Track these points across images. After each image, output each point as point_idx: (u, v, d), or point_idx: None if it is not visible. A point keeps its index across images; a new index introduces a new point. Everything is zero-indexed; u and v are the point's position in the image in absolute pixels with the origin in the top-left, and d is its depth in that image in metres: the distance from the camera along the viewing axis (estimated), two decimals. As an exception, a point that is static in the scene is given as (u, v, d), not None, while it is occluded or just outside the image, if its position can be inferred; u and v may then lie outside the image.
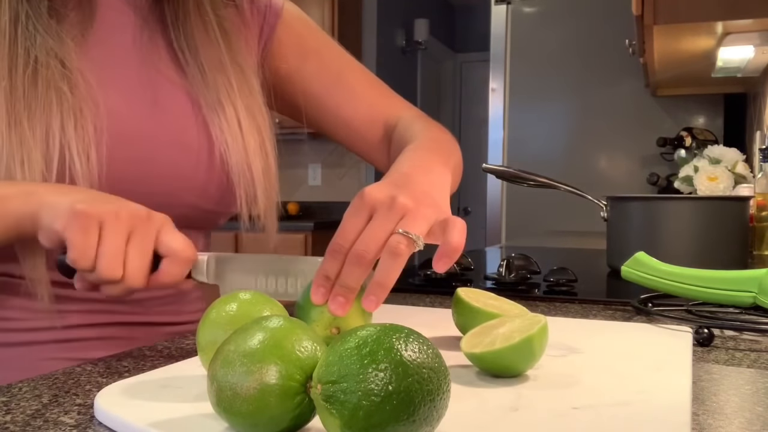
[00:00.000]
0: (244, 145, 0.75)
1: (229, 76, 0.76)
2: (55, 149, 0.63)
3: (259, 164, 0.76)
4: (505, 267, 1.01)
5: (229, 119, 0.74)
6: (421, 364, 0.34)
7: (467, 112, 5.56)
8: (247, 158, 0.75)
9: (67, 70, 0.66)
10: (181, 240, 0.57)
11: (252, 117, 0.77)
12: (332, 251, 0.53)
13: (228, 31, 0.78)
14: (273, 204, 0.79)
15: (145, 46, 0.74)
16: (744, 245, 1.16)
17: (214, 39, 0.76)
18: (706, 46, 1.85)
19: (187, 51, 0.75)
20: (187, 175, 0.73)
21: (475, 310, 0.58)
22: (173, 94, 0.74)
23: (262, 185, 0.76)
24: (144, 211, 0.57)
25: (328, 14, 3.85)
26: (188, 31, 0.75)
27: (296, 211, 4.19)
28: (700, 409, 0.45)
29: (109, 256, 0.54)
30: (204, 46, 0.75)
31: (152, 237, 0.56)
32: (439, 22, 5.26)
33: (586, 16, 2.89)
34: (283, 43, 0.85)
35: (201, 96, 0.74)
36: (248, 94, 0.77)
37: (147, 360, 0.58)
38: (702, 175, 1.98)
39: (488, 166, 1.31)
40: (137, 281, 0.55)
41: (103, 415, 0.42)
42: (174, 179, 0.72)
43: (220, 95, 0.75)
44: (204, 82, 0.75)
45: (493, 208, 3.03)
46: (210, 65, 0.75)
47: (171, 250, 0.56)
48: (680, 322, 0.70)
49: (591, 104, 2.90)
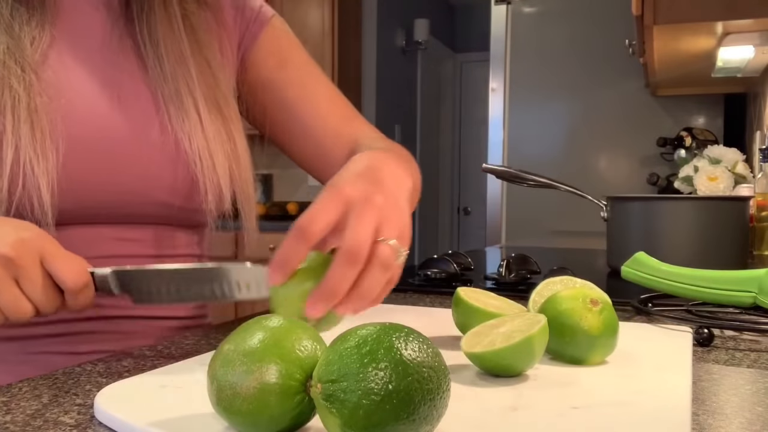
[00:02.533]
0: (204, 134, 0.74)
1: (189, 67, 0.75)
2: (8, 148, 0.63)
3: (221, 151, 0.75)
4: (505, 267, 1.01)
5: (188, 109, 0.74)
6: (421, 363, 0.34)
7: (467, 112, 5.56)
8: (207, 146, 0.74)
9: (23, 71, 0.65)
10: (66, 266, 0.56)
11: (215, 107, 0.76)
12: (297, 232, 0.50)
13: (195, 26, 0.78)
14: (248, 197, 0.78)
15: (113, 43, 0.74)
16: (744, 245, 1.16)
17: (177, 31, 0.76)
18: (706, 46, 1.85)
19: (149, 43, 0.74)
20: (152, 171, 0.72)
21: (475, 310, 0.58)
22: (135, 88, 0.73)
23: (226, 173, 0.75)
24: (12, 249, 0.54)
25: (328, 14, 3.85)
26: (152, 23, 0.75)
27: (296, 211, 4.19)
28: (700, 409, 0.45)
29: (10, 306, 0.54)
30: (166, 38, 0.75)
31: (37, 272, 0.55)
32: (439, 22, 5.26)
33: (586, 16, 2.89)
34: (264, 50, 0.85)
35: (159, 88, 0.74)
36: (212, 85, 0.77)
37: (147, 360, 0.58)
38: (702, 175, 1.98)
39: (488, 166, 1.31)
40: (49, 311, 0.56)
41: (103, 415, 0.42)
42: (139, 176, 0.71)
43: (179, 86, 0.74)
44: (163, 73, 0.74)
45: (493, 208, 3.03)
46: (170, 57, 0.74)
47: (59, 281, 0.56)
48: (680, 322, 0.70)
49: (591, 104, 2.90)
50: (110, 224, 0.72)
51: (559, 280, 0.64)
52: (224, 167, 0.75)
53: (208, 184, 0.73)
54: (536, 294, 0.63)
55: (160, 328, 0.77)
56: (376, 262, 0.50)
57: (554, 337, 0.53)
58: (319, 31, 3.78)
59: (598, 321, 0.53)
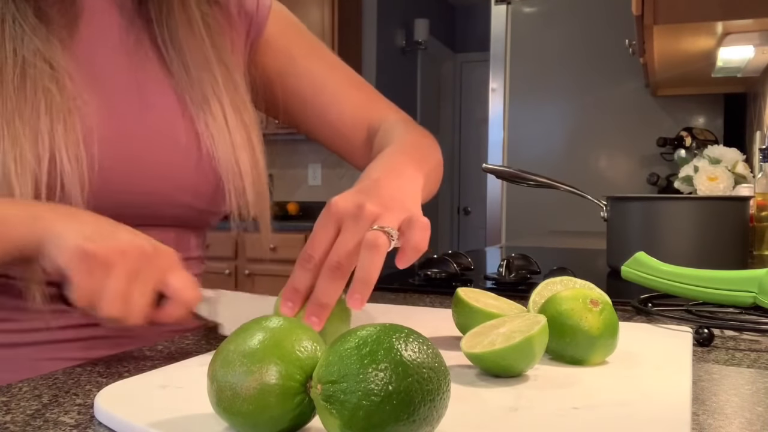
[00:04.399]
0: (231, 140, 0.74)
1: (215, 72, 0.75)
2: (45, 150, 0.63)
3: (247, 159, 0.76)
4: (505, 267, 1.01)
5: (215, 115, 0.74)
6: (421, 363, 0.34)
7: (467, 112, 5.55)
8: (234, 153, 0.74)
9: (55, 71, 0.66)
10: (186, 281, 0.57)
11: (238, 113, 0.76)
12: (302, 262, 0.54)
13: (212, 28, 0.78)
14: (264, 200, 0.79)
15: (132, 46, 0.74)
16: (744, 245, 1.16)
17: (198, 35, 0.76)
18: (706, 46, 1.85)
19: (171, 48, 0.75)
20: (178, 174, 0.73)
21: (475, 310, 0.58)
22: (160, 92, 0.74)
23: (250, 179, 0.76)
24: (151, 247, 0.56)
25: (328, 14, 3.85)
26: (172, 27, 0.75)
27: (296, 211, 4.19)
28: (700, 409, 0.45)
29: (111, 298, 0.54)
30: (188, 42, 0.75)
31: (157, 276, 0.56)
32: (439, 22, 5.26)
33: (586, 16, 2.89)
34: (270, 44, 0.85)
35: (186, 93, 0.74)
36: (233, 90, 0.77)
37: (147, 360, 0.58)
38: (702, 175, 1.98)
39: (488, 166, 1.31)
40: (137, 320, 0.56)
41: (103, 415, 0.42)
42: (165, 178, 0.72)
43: (206, 92, 0.74)
44: (189, 79, 0.74)
45: (493, 208, 3.04)
46: (195, 62, 0.75)
47: (175, 292, 0.56)
48: (680, 322, 0.70)
49: (591, 104, 2.90)
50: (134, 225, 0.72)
51: (559, 280, 0.64)
52: (248, 173, 0.75)
53: (233, 190, 0.74)
54: (536, 294, 0.63)
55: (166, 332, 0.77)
56: (364, 245, 0.52)
57: (554, 338, 0.53)
58: (319, 31, 3.78)
59: (598, 321, 0.54)
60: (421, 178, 0.68)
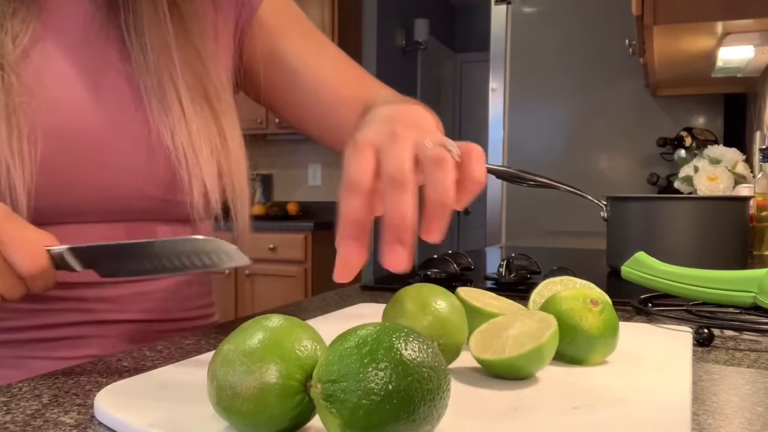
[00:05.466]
0: (188, 129, 0.72)
1: (174, 57, 0.73)
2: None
3: (207, 146, 0.73)
4: (505, 267, 1.01)
5: (170, 102, 0.72)
6: (421, 363, 0.34)
7: (467, 112, 5.56)
8: (190, 140, 0.72)
9: (4, 71, 0.64)
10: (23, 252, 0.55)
11: (204, 100, 0.74)
12: (350, 187, 0.45)
13: (184, 13, 0.76)
14: (240, 192, 0.76)
15: (95, 33, 0.72)
16: (744, 245, 1.16)
17: (162, 19, 0.73)
18: (706, 46, 1.85)
19: (133, 32, 0.72)
20: (131, 165, 0.70)
21: (475, 310, 0.58)
22: (115, 81, 0.72)
23: (213, 167, 0.73)
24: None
25: (328, 14, 3.85)
26: (138, 11, 0.73)
27: (296, 211, 4.19)
28: (700, 409, 0.45)
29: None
30: (151, 27, 0.73)
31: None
32: (439, 22, 5.26)
33: (586, 16, 2.89)
34: (264, 24, 0.83)
35: (142, 80, 0.72)
36: (201, 76, 0.75)
37: (147, 360, 0.58)
38: (702, 175, 1.98)
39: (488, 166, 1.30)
40: (15, 296, 0.56)
41: (103, 415, 0.42)
42: (118, 170, 0.70)
43: (162, 78, 0.72)
44: (146, 64, 0.72)
45: (493, 208, 3.03)
46: (154, 46, 0.72)
47: (15, 268, 0.55)
48: (680, 322, 0.70)
49: (591, 104, 2.90)
50: (99, 222, 0.71)
51: (559, 280, 0.64)
52: (210, 162, 0.72)
53: (192, 179, 0.71)
54: (536, 294, 0.63)
55: (146, 332, 0.76)
56: (430, 161, 0.45)
57: None
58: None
59: (598, 321, 0.53)
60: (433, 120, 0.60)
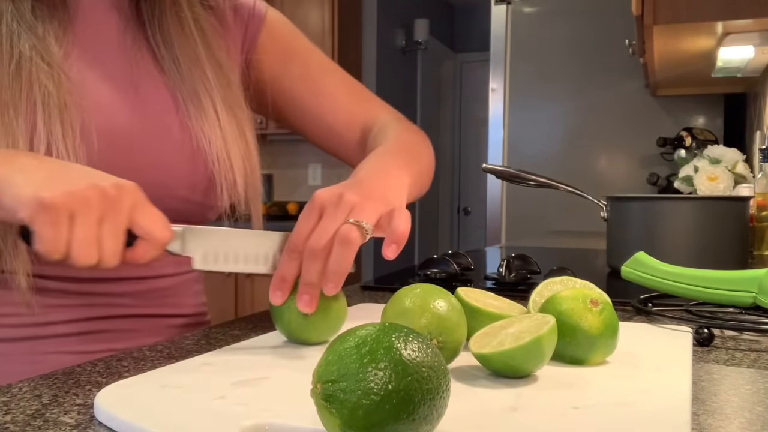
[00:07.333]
0: (222, 134, 0.76)
1: (205, 69, 0.77)
2: (41, 141, 0.63)
3: (238, 153, 0.77)
4: (505, 267, 1.01)
5: (206, 110, 0.75)
6: (421, 363, 0.34)
7: (467, 112, 5.55)
8: (225, 146, 0.76)
9: (51, 68, 0.66)
10: (155, 219, 0.56)
11: (230, 108, 0.77)
12: (288, 252, 0.58)
13: (205, 29, 0.79)
14: (257, 193, 0.80)
15: (128, 44, 0.75)
16: (744, 245, 1.16)
17: (189, 34, 0.77)
18: (706, 46, 1.85)
19: (162, 46, 0.76)
20: (174, 167, 0.73)
21: (475, 310, 0.58)
22: (154, 87, 0.75)
23: (242, 172, 0.77)
24: (114, 188, 0.54)
25: (328, 14, 3.85)
26: (164, 27, 0.76)
27: (296, 211, 4.19)
28: (700, 409, 0.45)
29: (81, 245, 0.52)
30: (179, 41, 0.76)
31: (125, 218, 0.55)
32: (439, 22, 5.26)
33: (586, 16, 2.89)
34: (266, 48, 0.86)
35: (178, 89, 0.75)
36: (226, 86, 0.78)
37: (147, 360, 0.58)
38: (702, 175, 1.98)
39: (488, 166, 1.31)
40: (112, 263, 0.55)
41: (103, 415, 0.42)
42: (162, 171, 0.73)
43: (197, 87, 0.75)
44: (180, 75, 0.75)
45: (493, 208, 3.03)
46: (185, 59, 0.76)
47: (145, 232, 0.55)
48: (680, 322, 0.70)
49: (591, 104, 2.90)
50: None
51: (559, 280, 0.64)
52: (240, 167, 0.77)
53: (225, 183, 0.75)
54: (536, 294, 0.63)
55: (165, 326, 0.78)
56: (337, 240, 0.56)
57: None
58: (319, 32, 3.78)
59: (598, 321, 0.53)
60: (407, 177, 0.70)
